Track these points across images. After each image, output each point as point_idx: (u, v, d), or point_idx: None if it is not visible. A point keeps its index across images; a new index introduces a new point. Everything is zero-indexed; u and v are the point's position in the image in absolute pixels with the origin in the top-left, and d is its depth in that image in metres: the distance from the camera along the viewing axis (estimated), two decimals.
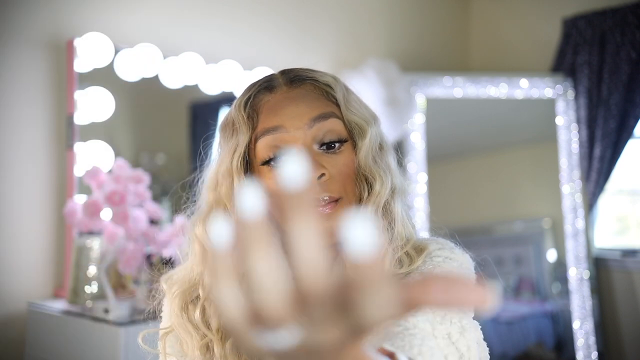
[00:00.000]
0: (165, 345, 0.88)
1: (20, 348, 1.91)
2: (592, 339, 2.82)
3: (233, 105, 0.88)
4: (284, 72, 0.89)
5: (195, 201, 0.92)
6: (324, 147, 0.83)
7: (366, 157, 0.84)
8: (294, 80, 0.87)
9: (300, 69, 0.89)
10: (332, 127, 0.83)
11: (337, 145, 0.83)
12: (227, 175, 0.84)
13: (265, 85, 0.87)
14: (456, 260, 0.84)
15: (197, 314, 0.84)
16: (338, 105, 0.86)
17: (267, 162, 0.83)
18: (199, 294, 0.87)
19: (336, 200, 0.81)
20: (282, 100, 0.85)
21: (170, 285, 0.90)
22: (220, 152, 0.89)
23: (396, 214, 0.85)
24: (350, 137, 0.86)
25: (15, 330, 1.91)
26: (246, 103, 0.86)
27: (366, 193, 0.84)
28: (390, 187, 0.85)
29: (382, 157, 0.87)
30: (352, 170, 0.84)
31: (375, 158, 0.86)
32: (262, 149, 0.83)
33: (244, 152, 0.84)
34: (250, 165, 0.85)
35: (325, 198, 0.80)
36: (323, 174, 0.81)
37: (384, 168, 0.86)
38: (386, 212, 0.84)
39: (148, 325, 0.92)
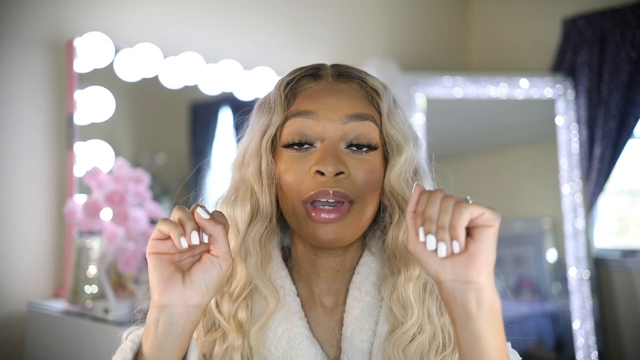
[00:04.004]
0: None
1: (20, 348, 1.91)
2: (592, 339, 2.82)
3: (275, 85, 0.85)
4: (334, 65, 0.86)
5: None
6: (352, 147, 0.79)
7: (399, 176, 0.80)
8: (342, 75, 0.84)
9: (352, 67, 0.86)
10: (366, 131, 0.79)
11: (365, 149, 0.79)
12: (255, 155, 0.81)
13: (312, 72, 0.84)
14: None
15: (225, 305, 0.82)
16: (380, 114, 0.82)
17: (289, 146, 0.80)
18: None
19: (350, 202, 0.78)
20: (324, 90, 0.81)
21: None
22: (251, 129, 0.85)
23: None
24: (383, 149, 0.82)
25: (15, 330, 1.91)
26: (287, 84, 0.83)
27: (398, 215, 0.81)
28: None
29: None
30: (376, 179, 0.80)
31: (409, 182, 0.81)
32: (288, 131, 0.80)
33: (275, 133, 0.81)
34: (273, 146, 0.82)
35: (337, 191, 0.76)
36: (342, 172, 0.77)
37: None
38: None
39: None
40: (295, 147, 0.79)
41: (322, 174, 0.76)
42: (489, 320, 0.64)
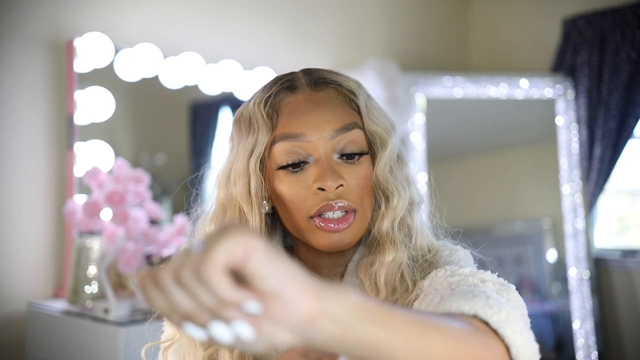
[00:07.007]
0: (167, 359, 0.87)
1: (20, 348, 1.91)
2: (592, 339, 2.82)
3: (252, 101, 0.84)
4: (306, 72, 0.86)
5: (198, 199, 0.90)
6: (344, 157, 0.81)
7: (384, 168, 0.83)
8: (317, 82, 0.84)
9: (324, 70, 0.86)
10: (354, 139, 0.81)
11: (356, 156, 0.82)
12: (242, 174, 0.82)
13: (288, 85, 0.84)
14: (455, 256, 0.85)
15: None
16: (359, 113, 0.84)
17: (284, 167, 0.81)
18: None
19: (353, 211, 0.80)
20: (305, 103, 0.82)
21: None
22: (233, 147, 0.86)
23: (414, 226, 0.84)
24: (370, 147, 0.84)
25: (15, 330, 1.91)
26: (266, 101, 0.83)
27: (383, 205, 0.83)
28: (408, 201, 0.84)
29: (401, 168, 0.86)
30: (369, 182, 0.82)
31: (393, 169, 0.84)
32: (280, 153, 0.80)
33: (263, 153, 0.82)
34: (262, 164, 0.83)
35: (341, 204, 0.79)
36: (341, 185, 0.79)
37: (402, 181, 0.84)
38: (403, 225, 0.83)
39: (147, 326, 0.91)
40: (290, 167, 0.81)
41: (324, 189, 0.79)
42: (361, 326, 0.46)
